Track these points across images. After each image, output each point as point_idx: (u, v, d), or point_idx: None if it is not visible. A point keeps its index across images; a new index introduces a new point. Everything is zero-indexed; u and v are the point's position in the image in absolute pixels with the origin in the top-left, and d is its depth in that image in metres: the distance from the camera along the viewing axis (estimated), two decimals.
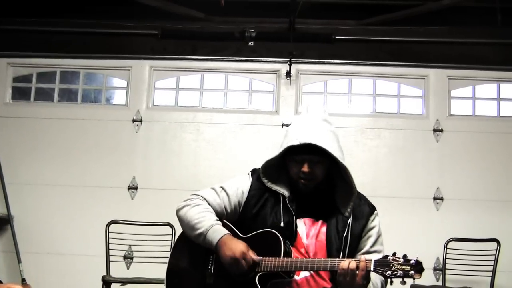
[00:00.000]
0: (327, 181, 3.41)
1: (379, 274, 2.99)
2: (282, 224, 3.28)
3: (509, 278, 6.72)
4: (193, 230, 3.30)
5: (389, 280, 2.98)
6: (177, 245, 3.53)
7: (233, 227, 3.37)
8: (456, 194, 7.19)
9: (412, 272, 2.90)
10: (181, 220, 3.42)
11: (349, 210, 3.34)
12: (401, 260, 2.94)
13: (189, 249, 3.40)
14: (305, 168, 3.27)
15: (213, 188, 3.47)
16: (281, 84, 7.55)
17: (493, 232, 6.40)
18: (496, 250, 6.14)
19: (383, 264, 2.96)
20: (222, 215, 3.40)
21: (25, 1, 7.45)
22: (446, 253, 6.56)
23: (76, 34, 7.65)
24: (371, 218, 3.41)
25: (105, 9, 7.43)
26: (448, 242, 6.58)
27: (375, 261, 2.99)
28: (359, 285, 3.00)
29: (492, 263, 6.12)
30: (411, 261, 2.93)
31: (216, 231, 3.23)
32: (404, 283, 2.93)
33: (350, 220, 3.33)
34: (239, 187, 3.46)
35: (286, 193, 3.37)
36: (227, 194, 3.43)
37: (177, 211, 3.45)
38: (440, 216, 7.15)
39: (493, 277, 6.06)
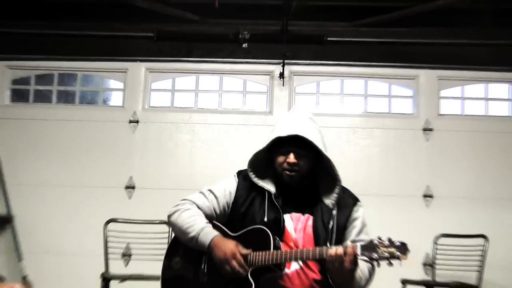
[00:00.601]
0: (310, 176, 3.49)
1: (366, 257, 3.02)
2: (268, 220, 3.35)
3: (497, 272, 6.76)
4: (185, 234, 3.38)
5: (375, 262, 3.02)
6: (172, 246, 3.60)
7: (223, 227, 3.45)
8: (445, 192, 7.28)
9: (398, 253, 2.92)
10: (173, 225, 3.50)
11: (333, 202, 3.42)
12: (387, 243, 2.97)
13: (183, 249, 3.47)
14: (291, 159, 3.36)
15: (201, 192, 3.56)
16: (274, 85, 7.61)
17: (481, 228, 6.46)
18: (484, 245, 6.20)
19: (369, 248, 3.00)
20: (212, 217, 3.49)
21: (23, 4, 7.47)
22: (435, 249, 6.66)
23: (73, 36, 7.67)
24: (355, 209, 3.49)
25: (101, 12, 7.47)
26: (437, 238, 6.67)
27: (361, 245, 3.03)
28: (348, 270, 3.06)
29: (480, 258, 6.19)
30: (396, 243, 2.95)
31: (207, 233, 3.31)
32: (391, 264, 2.97)
33: (335, 211, 3.41)
34: (226, 188, 3.54)
35: (272, 189, 3.45)
36: (215, 196, 3.52)
37: (169, 217, 3.52)
38: (430, 213, 7.24)
39: (480, 272, 6.14)
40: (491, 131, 7.44)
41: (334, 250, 3.07)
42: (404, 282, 6.25)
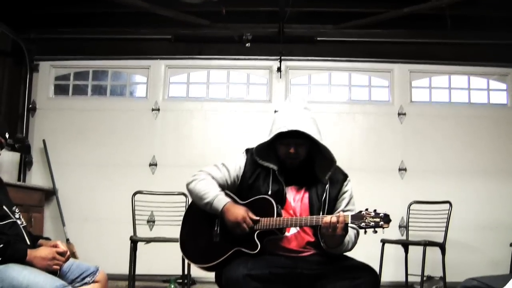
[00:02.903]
0: (308, 157, 3.46)
1: (355, 225, 3.07)
2: (271, 192, 3.36)
3: (459, 232, 6.81)
4: (201, 200, 3.36)
5: (362, 230, 3.08)
6: (188, 212, 3.59)
7: (234, 196, 3.44)
8: (416, 166, 7.29)
9: (382, 222, 3.00)
10: (190, 192, 3.47)
11: (326, 178, 3.42)
12: (373, 213, 3.04)
13: (198, 214, 3.45)
14: (292, 150, 3.35)
15: (215, 165, 3.52)
16: (273, 78, 7.58)
17: (446, 195, 6.40)
18: (449, 210, 6.15)
19: (358, 218, 3.06)
20: (224, 186, 3.46)
21: (63, 14, 7.45)
22: (409, 214, 6.65)
23: (105, 40, 7.67)
24: (345, 183, 3.49)
25: (128, 19, 7.41)
26: (410, 204, 6.67)
27: (351, 215, 3.08)
28: (339, 235, 3.11)
29: (445, 220, 6.14)
30: (381, 214, 3.03)
31: (220, 200, 3.30)
32: (375, 232, 3.03)
33: (327, 186, 3.41)
34: (237, 163, 3.52)
35: (275, 167, 3.43)
36: (227, 169, 3.49)
37: (187, 185, 3.49)
38: (404, 184, 7.24)
39: (446, 232, 6.08)
40: (453, 115, 7.44)
41: (329, 218, 3.09)
42: (383, 241, 6.21)
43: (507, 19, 6.99)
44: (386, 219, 3.01)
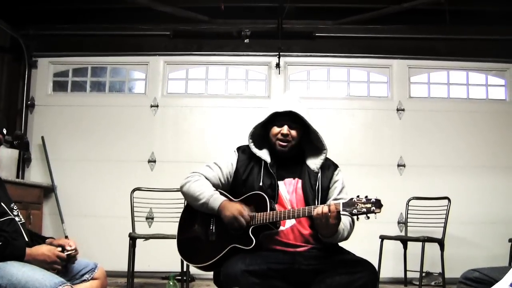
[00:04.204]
0: (298, 147, 3.53)
1: (347, 212, 3.07)
2: (264, 186, 3.40)
3: (458, 228, 6.83)
4: (196, 201, 3.40)
5: (355, 217, 3.08)
6: (184, 212, 3.62)
7: (227, 194, 3.47)
8: (415, 162, 7.28)
9: (373, 208, 2.99)
10: (185, 194, 3.52)
11: (318, 166, 3.48)
12: (364, 200, 3.04)
13: (194, 214, 3.49)
14: (284, 130, 3.42)
15: (207, 165, 3.56)
16: (272, 74, 7.57)
17: (445, 191, 6.43)
18: (447, 206, 6.18)
19: (349, 205, 3.06)
20: (217, 185, 3.50)
21: (62, 11, 7.45)
22: (408, 210, 6.66)
23: (104, 36, 7.66)
24: (336, 173, 3.56)
25: (127, 15, 7.40)
26: (409, 200, 6.69)
27: (343, 203, 3.08)
28: (332, 224, 3.13)
29: (444, 216, 6.16)
30: (372, 200, 3.02)
31: (216, 199, 3.34)
32: (368, 218, 3.05)
33: (319, 175, 3.47)
34: (228, 161, 3.57)
35: (268, 159, 3.48)
36: (220, 168, 3.54)
37: (181, 187, 3.53)
38: (402, 180, 7.24)
39: (444, 228, 6.09)
40: (452, 110, 7.43)
41: (321, 208, 3.11)
42: (382, 237, 6.23)
43: (505, 14, 7.00)
44: (377, 204, 3.01)
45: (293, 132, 3.44)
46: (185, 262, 5.61)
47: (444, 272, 6.10)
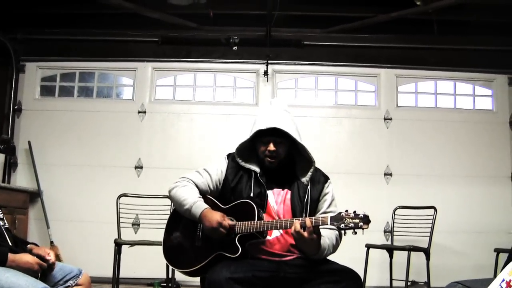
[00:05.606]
0: (288, 158, 3.50)
1: (335, 226, 3.04)
2: (253, 194, 3.37)
3: (444, 237, 6.86)
4: (181, 206, 3.37)
5: (343, 231, 3.05)
6: (172, 217, 3.60)
7: (215, 200, 3.44)
8: (402, 171, 7.31)
9: (361, 223, 2.96)
10: (172, 199, 3.49)
11: (307, 179, 3.44)
12: (352, 214, 3.00)
13: (181, 220, 3.46)
14: (271, 147, 3.38)
15: (197, 171, 3.53)
16: (260, 81, 7.59)
17: (431, 200, 6.44)
18: (434, 215, 6.17)
19: (337, 219, 3.02)
20: (206, 192, 3.47)
21: (50, 15, 7.43)
22: (394, 218, 6.65)
23: (92, 41, 7.66)
24: (326, 185, 3.51)
25: (115, 20, 7.42)
26: (395, 209, 6.67)
27: (331, 217, 3.05)
28: (310, 239, 3.09)
29: (430, 225, 6.15)
30: (360, 215, 2.99)
31: (198, 206, 3.30)
32: (355, 233, 3.00)
33: (309, 187, 3.43)
34: (218, 167, 3.53)
35: (257, 169, 3.46)
36: (209, 174, 3.50)
37: (169, 191, 3.51)
38: (389, 189, 7.27)
39: (430, 237, 6.09)
40: (439, 120, 7.48)
41: (293, 227, 3.08)
42: (368, 246, 6.23)
43: (493, 25, 7.08)
44: (365, 219, 2.98)
45: (279, 148, 3.41)
46: (170, 269, 5.64)
47: (429, 281, 6.09)
